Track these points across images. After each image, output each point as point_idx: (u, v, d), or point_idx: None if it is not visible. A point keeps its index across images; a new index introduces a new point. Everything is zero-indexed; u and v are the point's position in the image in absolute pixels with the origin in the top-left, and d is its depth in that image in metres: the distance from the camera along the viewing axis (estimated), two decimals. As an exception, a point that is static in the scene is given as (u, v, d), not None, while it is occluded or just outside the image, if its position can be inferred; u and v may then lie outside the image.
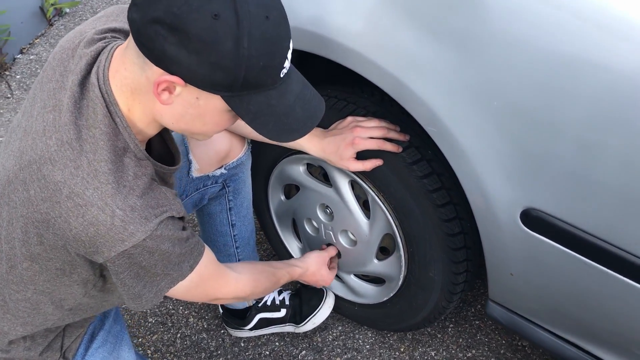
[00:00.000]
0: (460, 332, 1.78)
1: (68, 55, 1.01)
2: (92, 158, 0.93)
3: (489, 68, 1.02)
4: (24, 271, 1.02)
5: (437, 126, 1.12)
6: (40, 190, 0.93)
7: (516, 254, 1.17)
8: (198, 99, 0.91)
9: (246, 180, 1.54)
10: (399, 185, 1.33)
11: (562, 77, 0.96)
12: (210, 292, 1.19)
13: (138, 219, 0.93)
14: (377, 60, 1.14)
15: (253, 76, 0.88)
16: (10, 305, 1.08)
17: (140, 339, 1.78)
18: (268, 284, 1.35)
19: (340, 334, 1.78)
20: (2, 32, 2.72)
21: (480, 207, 1.16)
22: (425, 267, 1.41)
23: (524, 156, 1.05)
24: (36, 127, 0.97)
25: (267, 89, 0.92)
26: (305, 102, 0.99)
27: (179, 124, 0.97)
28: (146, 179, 0.98)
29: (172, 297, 1.13)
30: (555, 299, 1.21)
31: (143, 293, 1.03)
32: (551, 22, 0.96)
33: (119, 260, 0.95)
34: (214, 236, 1.58)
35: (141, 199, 0.95)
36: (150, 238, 0.95)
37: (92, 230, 0.92)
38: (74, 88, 0.96)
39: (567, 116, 0.98)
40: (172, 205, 1.00)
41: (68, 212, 0.92)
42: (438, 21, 1.06)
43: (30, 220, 0.95)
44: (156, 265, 0.99)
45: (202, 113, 0.94)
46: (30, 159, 0.95)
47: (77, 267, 1.00)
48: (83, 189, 0.91)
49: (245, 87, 0.89)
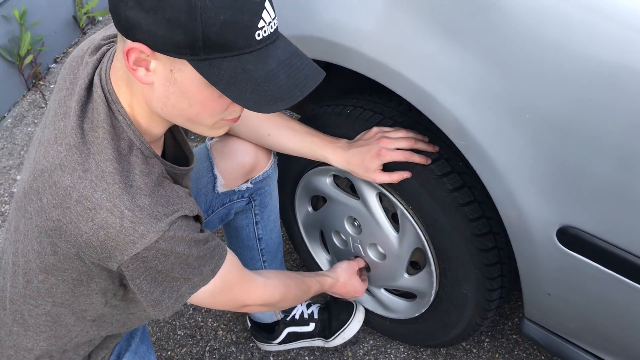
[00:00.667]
0: (497, 346, 1.71)
1: (77, 63, 1.01)
2: (98, 159, 0.90)
3: (520, 78, 0.96)
4: (40, 284, 1.00)
5: (467, 140, 1.06)
6: (51, 197, 0.91)
7: (553, 273, 1.11)
8: (172, 71, 0.86)
9: (273, 193, 1.50)
10: (428, 198, 1.27)
11: (600, 85, 0.90)
12: (237, 299, 1.15)
13: (147, 218, 0.90)
14: (402, 71, 1.09)
15: (215, 33, 0.81)
16: (30, 322, 1.07)
17: (169, 352, 1.77)
18: (298, 291, 1.31)
19: (371, 348, 1.73)
20: (36, 42, 2.75)
21: (514, 225, 1.10)
22: (458, 283, 1.35)
23: (559, 171, 0.99)
24: (48, 135, 0.95)
25: (240, 52, 0.83)
26: (292, 69, 0.88)
27: (168, 109, 0.92)
28: (154, 177, 0.95)
29: (197, 304, 1.09)
30: (594, 320, 1.14)
31: (162, 299, 1.00)
32: (586, 27, 0.89)
33: (132, 265, 0.92)
34: (240, 250, 1.55)
35: (149, 197, 0.91)
36: (162, 239, 0.91)
37: (103, 234, 0.89)
38: (81, 92, 0.95)
39: (606, 128, 0.91)
40: (184, 204, 0.96)
41: (78, 216, 0.89)
42: (465, 29, 1.00)
43: (44, 229, 0.93)
44: (173, 269, 0.96)
45: (182, 90, 0.88)
46: (42, 167, 0.93)
47: (94, 276, 0.98)
48: (92, 191, 0.89)
49: (209, 47, 0.82)
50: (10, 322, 1.08)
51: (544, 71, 0.94)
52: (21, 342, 1.10)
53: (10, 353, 1.11)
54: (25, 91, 2.79)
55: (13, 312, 1.06)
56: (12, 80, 2.70)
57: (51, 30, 2.89)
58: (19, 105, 2.72)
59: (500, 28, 0.96)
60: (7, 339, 1.10)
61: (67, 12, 3.02)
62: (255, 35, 0.84)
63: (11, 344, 1.10)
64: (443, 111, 1.07)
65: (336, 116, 1.37)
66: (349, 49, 1.15)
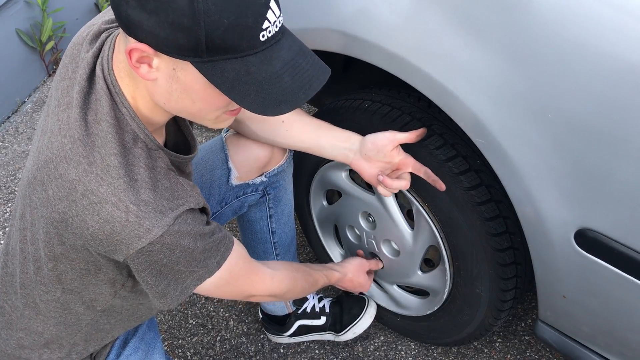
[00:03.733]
0: (509, 347, 1.70)
1: (78, 50, 0.99)
2: (103, 153, 0.90)
3: (543, 76, 0.95)
4: (50, 272, 1.01)
5: (486, 138, 1.05)
6: (57, 190, 0.91)
7: (569, 276, 1.09)
8: (175, 70, 0.85)
9: (287, 187, 1.49)
10: (444, 196, 1.26)
11: (624, 86, 0.88)
12: (243, 289, 1.14)
13: (152, 213, 0.90)
14: (422, 66, 1.07)
15: (218, 37, 0.79)
16: (41, 306, 1.07)
17: (180, 341, 1.78)
18: (305, 283, 1.31)
19: (382, 344, 1.73)
20: (57, 28, 2.77)
21: (531, 225, 1.09)
22: (472, 282, 1.34)
23: (580, 173, 0.97)
24: (51, 125, 0.95)
25: (244, 54, 0.82)
26: (297, 70, 0.86)
27: (171, 104, 0.91)
28: (159, 170, 0.94)
29: (203, 294, 1.09)
30: (610, 324, 1.12)
31: (168, 291, 1.00)
32: (612, 26, 0.87)
33: (138, 259, 0.92)
34: (253, 243, 1.55)
35: (154, 191, 0.91)
36: (168, 234, 0.91)
37: (109, 228, 0.89)
38: (82, 83, 0.94)
39: (630, 130, 0.89)
40: (189, 197, 0.95)
41: (84, 210, 0.89)
42: (488, 26, 0.98)
43: (50, 220, 0.93)
44: (178, 262, 0.96)
45: (185, 88, 0.87)
46: (46, 158, 0.93)
47: (101, 266, 0.98)
48: (97, 185, 0.89)
49: (213, 50, 0.81)
50: (21, 305, 1.09)
51: (567, 70, 0.92)
52: (32, 326, 1.10)
53: (20, 335, 1.12)
54: (46, 77, 2.81)
55: (24, 296, 1.07)
56: (33, 66, 2.72)
57: (73, 17, 2.91)
58: (39, 91, 2.74)
59: (524, 26, 0.94)
60: (18, 321, 1.11)
61: (89, -1, 3.03)
62: (260, 37, 0.82)
63: (22, 327, 1.11)
64: (463, 108, 1.05)
65: (353, 110, 1.36)
66: (369, 42, 1.14)
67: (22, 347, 1.13)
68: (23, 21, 2.59)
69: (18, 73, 2.64)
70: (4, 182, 2.32)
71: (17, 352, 1.14)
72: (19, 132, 2.54)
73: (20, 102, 2.67)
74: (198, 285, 1.03)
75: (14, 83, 2.62)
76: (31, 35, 2.63)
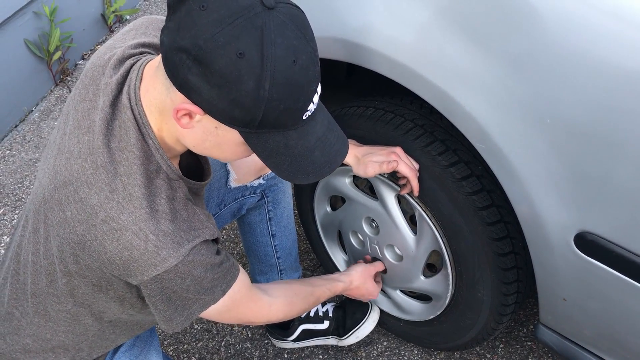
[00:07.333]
0: (511, 353, 1.71)
1: (99, 73, 1.01)
2: (126, 182, 0.93)
3: (542, 83, 0.97)
4: (63, 286, 1.04)
5: (487, 143, 1.07)
6: (77, 212, 0.94)
7: (569, 279, 1.11)
8: (217, 128, 0.90)
9: (286, 190, 1.52)
10: (447, 201, 1.28)
11: (622, 93, 0.90)
12: (242, 317, 1.18)
13: (170, 244, 0.93)
14: (424, 73, 1.10)
15: (273, 117, 0.85)
16: (52, 314, 1.10)
17: (185, 346, 1.79)
18: (304, 305, 1.33)
19: (385, 349, 1.74)
20: (65, 38, 2.81)
21: (532, 229, 1.11)
22: (474, 286, 1.36)
23: (579, 177, 0.99)
24: (70, 147, 0.97)
25: (287, 129, 0.89)
26: (326, 145, 0.95)
27: (200, 148, 0.96)
28: (179, 202, 0.98)
29: (205, 318, 1.12)
30: (610, 327, 1.13)
31: (174, 316, 1.04)
32: (610, 35, 0.90)
33: (151, 285, 0.96)
34: (254, 246, 1.58)
35: (173, 223, 0.95)
36: (182, 263, 0.95)
37: (127, 255, 0.92)
38: (106, 109, 0.96)
39: (627, 134, 0.91)
40: (205, 229, 0.99)
41: (104, 235, 0.92)
42: (488, 33, 1.01)
43: (66, 240, 0.97)
44: (188, 290, 0.99)
45: (220, 142, 0.92)
46: (65, 179, 0.96)
47: (112, 284, 1.01)
48: (118, 213, 0.92)
49: (263, 126, 0.86)
50: (32, 312, 1.11)
51: (566, 76, 0.94)
52: (41, 333, 1.13)
53: (27, 341, 1.14)
54: (53, 86, 2.84)
55: (36, 304, 1.10)
56: (40, 75, 2.76)
57: (80, 28, 2.95)
58: (46, 100, 2.78)
59: (524, 33, 0.97)
60: (27, 327, 1.13)
61: (95, 10, 3.07)
62: (303, 116, 0.89)
63: (31, 333, 1.13)
64: (464, 114, 1.08)
65: (357, 117, 1.39)
66: (372, 50, 1.16)
67: (28, 351, 1.15)
68: (31, 31, 2.63)
69: (26, 82, 2.67)
70: (12, 190, 2.34)
71: (21, 356, 1.16)
72: (26, 140, 2.57)
73: (28, 111, 2.71)
74: (203, 312, 1.07)
75: (21, 92, 2.66)
76: (39, 46, 2.67)
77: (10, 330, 1.15)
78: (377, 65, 1.19)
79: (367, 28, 1.17)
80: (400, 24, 1.12)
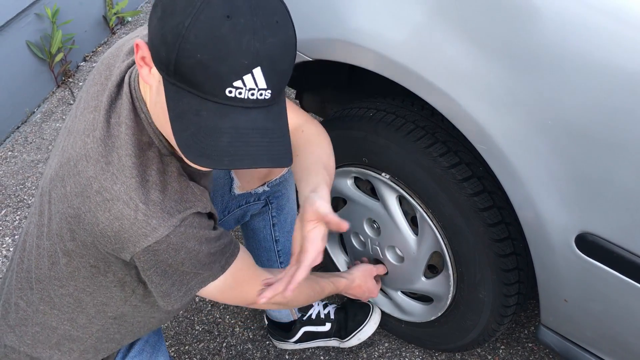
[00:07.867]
0: (512, 354, 1.71)
1: (114, 60, 1.05)
2: (121, 153, 0.95)
3: (543, 84, 0.98)
4: (63, 267, 1.04)
5: (487, 144, 1.07)
6: (74, 186, 0.95)
7: (570, 280, 1.11)
8: (160, 82, 0.88)
9: (290, 196, 1.52)
10: (448, 202, 1.28)
11: (622, 94, 0.90)
12: (246, 296, 1.16)
13: (160, 213, 0.93)
14: (425, 74, 1.10)
15: (187, 66, 0.81)
16: (56, 300, 1.10)
17: (187, 347, 1.80)
18: (311, 292, 1.32)
19: (386, 350, 1.74)
20: (67, 40, 2.81)
21: (533, 230, 1.11)
22: (475, 287, 1.36)
23: (580, 178, 0.99)
24: (78, 126, 1.00)
25: (205, 95, 0.83)
26: (242, 140, 0.85)
27: (154, 118, 0.96)
28: (170, 175, 0.98)
29: (206, 298, 1.12)
30: (611, 328, 1.14)
31: (172, 291, 1.03)
32: (611, 36, 0.90)
33: (144, 257, 0.95)
34: (257, 251, 1.58)
35: (163, 193, 0.95)
36: (173, 234, 0.94)
37: (117, 225, 0.93)
38: (112, 89, 1.00)
39: (628, 136, 0.92)
40: (197, 201, 0.99)
41: (97, 206, 0.93)
42: (490, 35, 1.01)
43: (65, 215, 0.98)
44: (183, 263, 0.99)
45: (162, 104, 0.88)
46: (69, 156, 0.98)
47: (110, 264, 1.01)
48: (111, 183, 0.93)
49: (179, 75, 0.83)
50: (37, 300, 1.12)
51: (567, 78, 0.95)
52: (46, 321, 1.13)
53: (36, 330, 1.15)
54: (55, 88, 2.85)
55: (40, 290, 1.11)
56: (42, 77, 2.76)
57: (82, 29, 2.95)
58: (48, 102, 2.78)
59: (525, 35, 0.97)
60: (34, 316, 1.14)
61: (97, 12, 3.07)
62: (226, 91, 0.82)
63: (37, 321, 1.14)
64: (465, 115, 1.08)
65: (358, 119, 1.39)
66: (373, 52, 1.17)
67: (37, 342, 1.15)
68: (33, 33, 2.64)
69: (28, 84, 2.68)
70: (14, 191, 2.35)
71: (30, 350, 1.16)
72: (28, 141, 2.58)
73: (30, 113, 2.71)
74: (202, 288, 1.06)
75: (23, 94, 2.67)
76: (41, 47, 2.67)
77: (18, 322, 1.16)
78: (379, 66, 1.19)
79: (368, 29, 1.17)
80: (402, 26, 1.12)
